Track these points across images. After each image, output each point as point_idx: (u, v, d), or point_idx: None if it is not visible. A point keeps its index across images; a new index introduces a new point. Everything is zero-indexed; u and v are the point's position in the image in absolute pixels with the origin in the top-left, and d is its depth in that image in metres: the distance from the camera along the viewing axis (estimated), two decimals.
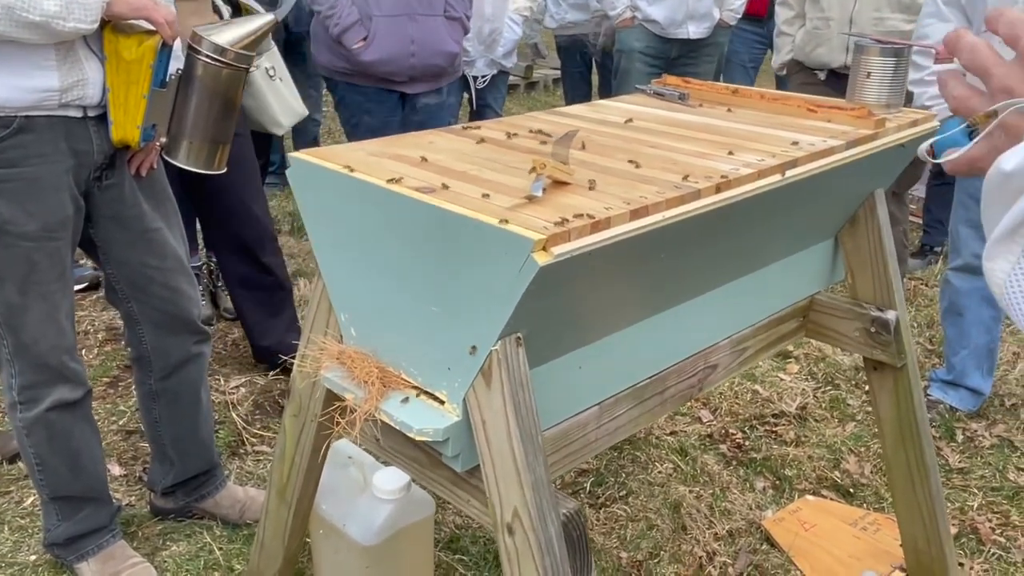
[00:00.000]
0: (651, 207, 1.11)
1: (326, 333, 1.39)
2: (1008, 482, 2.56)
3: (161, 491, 2.23)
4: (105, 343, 3.21)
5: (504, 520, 1.16)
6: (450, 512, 2.30)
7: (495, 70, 3.96)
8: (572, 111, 1.75)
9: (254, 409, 2.81)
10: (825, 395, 3.01)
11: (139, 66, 1.66)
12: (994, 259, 0.60)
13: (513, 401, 1.09)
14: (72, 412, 1.88)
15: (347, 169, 1.20)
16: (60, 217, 1.71)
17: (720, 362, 1.62)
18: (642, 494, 2.44)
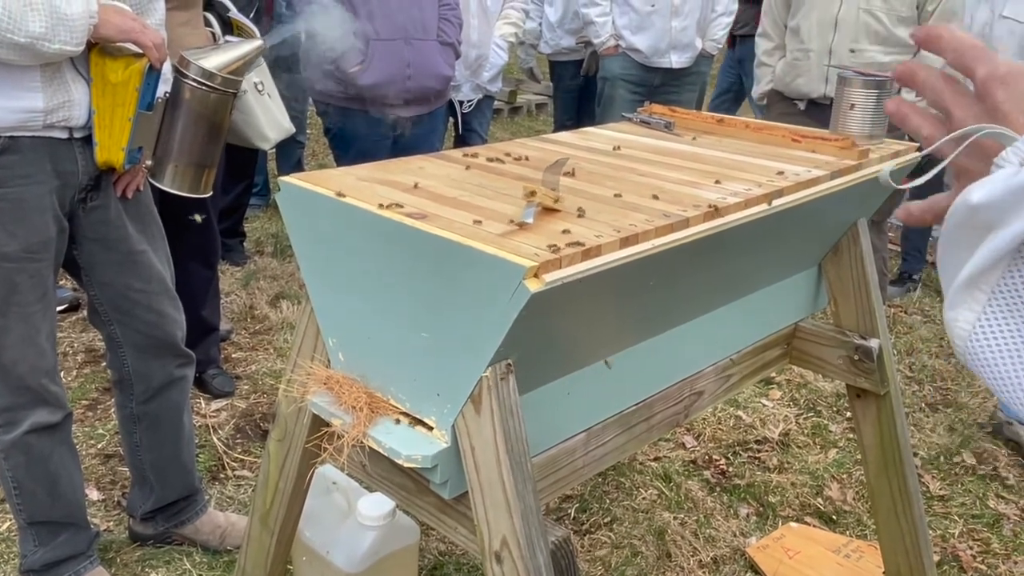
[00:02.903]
0: (641, 235, 1.12)
1: (313, 358, 1.38)
2: (988, 510, 2.58)
3: (140, 516, 2.19)
4: (84, 365, 3.17)
5: (492, 548, 1.15)
6: (434, 539, 2.29)
7: (481, 95, 3.99)
8: (560, 138, 1.76)
9: (235, 433, 2.78)
10: (807, 421, 3.02)
11: (125, 89, 1.66)
12: (956, 308, 0.55)
13: (503, 428, 1.09)
14: (51, 436, 1.86)
15: (338, 195, 1.20)
16: (43, 238, 1.70)
17: (706, 389, 1.62)
18: (627, 520, 2.43)
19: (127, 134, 1.68)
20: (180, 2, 2.33)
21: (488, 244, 1.02)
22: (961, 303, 0.55)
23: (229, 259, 4.14)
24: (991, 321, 0.54)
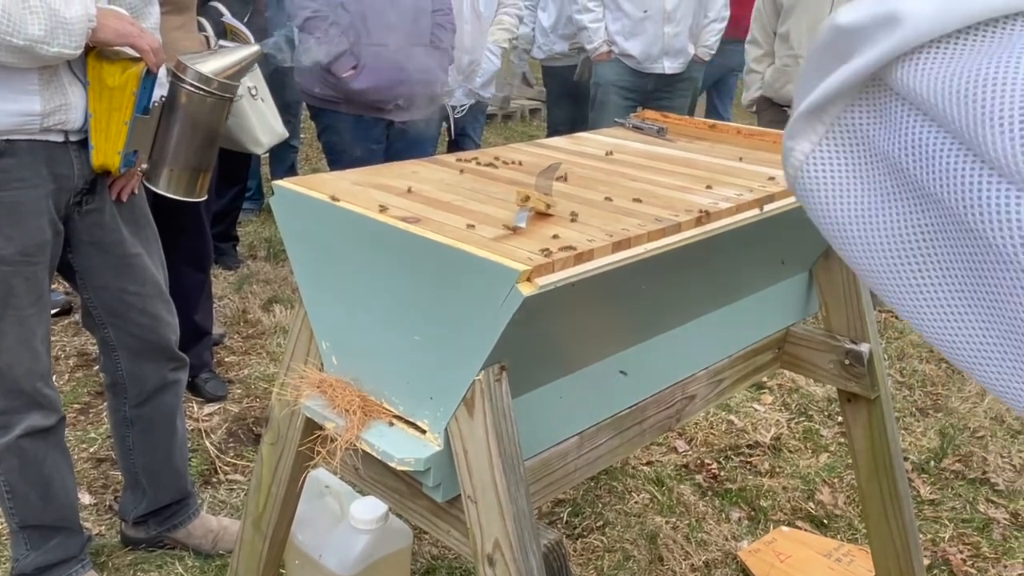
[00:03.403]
0: (633, 239, 1.13)
1: (307, 361, 1.39)
2: (979, 514, 2.59)
3: (133, 520, 2.19)
4: (76, 369, 3.17)
5: (485, 551, 1.16)
6: (426, 543, 2.29)
7: (473, 100, 4.00)
8: (553, 143, 1.77)
9: (228, 437, 2.78)
10: (799, 426, 3.04)
11: (122, 93, 1.67)
12: (795, 137, 0.56)
13: (496, 431, 1.10)
14: (45, 439, 1.86)
15: (332, 199, 1.20)
16: (38, 241, 1.70)
17: (698, 393, 1.63)
18: (619, 524, 2.44)
19: (123, 138, 1.69)
20: (174, 6, 2.34)
21: (481, 248, 1.03)
22: (800, 132, 0.55)
23: (222, 263, 4.13)
24: (824, 153, 0.54)
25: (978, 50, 0.47)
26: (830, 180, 0.54)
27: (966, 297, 0.48)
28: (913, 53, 0.48)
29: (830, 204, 0.54)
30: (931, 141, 0.47)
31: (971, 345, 0.49)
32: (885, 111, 0.51)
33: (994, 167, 0.44)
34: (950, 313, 0.49)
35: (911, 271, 0.50)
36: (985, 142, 0.44)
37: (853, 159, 0.53)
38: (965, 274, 0.47)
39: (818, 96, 0.53)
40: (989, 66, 0.45)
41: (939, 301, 0.50)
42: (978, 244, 0.45)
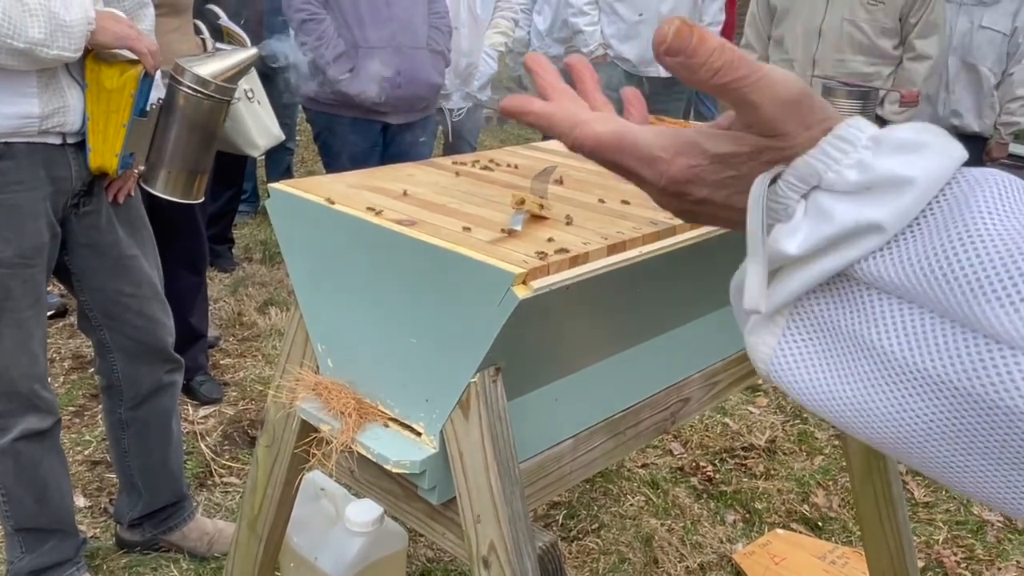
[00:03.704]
0: (628, 242, 1.13)
1: (302, 364, 1.39)
2: (972, 516, 2.60)
3: (128, 523, 2.19)
4: (71, 371, 3.16)
5: (480, 553, 1.16)
6: (422, 545, 2.29)
7: (470, 103, 4.01)
8: (548, 146, 1.77)
9: (223, 440, 2.78)
10: (793, 428, 3.04)
11: (120, 95, 1.67)
12: (757, 333, 0.56)
13: (491, 434, 1.10)
14: (41, 442, 1.86)
15: (328, 201, 1.20)
16: (36, 244, 1.70)
17: (693, 395, 1.63)
18: (614, 527, 2.44)
19: (121, 140, 1.69)
20: (170, 9, 2.34)
21: (477, 251, 1.03)
22: (761, 329, 0.56)
23: (217, 265, 4.13)
24: (790, 344, 0.54)
25: (935, 226, 0.47)
26: (806, 369, 0.54)
27: (994, 459, 0.47)
28: (882, 247, 0.49)
29: (815, 393, 0.54)
30: (919, 324, 0.47)
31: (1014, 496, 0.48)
32: (852, 300, 0.51)
33: (995, 338, 0.44)
34: (980, 474, 0.48)
35: (923, 444, 0.49)
36: (983, 317, 0.44)
37: (821, 346, 0.53)
38: (986, 439, 0.46)
39: (780, 298, 0.53)
40: (953, 240, 0.46)
41: (965, 466, 0.49)
42: (991, 411, 0.45)
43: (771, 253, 0.53)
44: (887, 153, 0.49)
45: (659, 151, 0.57)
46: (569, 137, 0.61)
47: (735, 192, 0.55)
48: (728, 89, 0.51)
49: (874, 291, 0.50)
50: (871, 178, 0.49)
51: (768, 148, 0.53)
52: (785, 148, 0.53)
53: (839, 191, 0.50)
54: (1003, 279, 0.44)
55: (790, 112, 0.52)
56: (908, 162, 0.49)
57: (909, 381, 0.48)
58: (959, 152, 0.50)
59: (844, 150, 0.51)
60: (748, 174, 0.54)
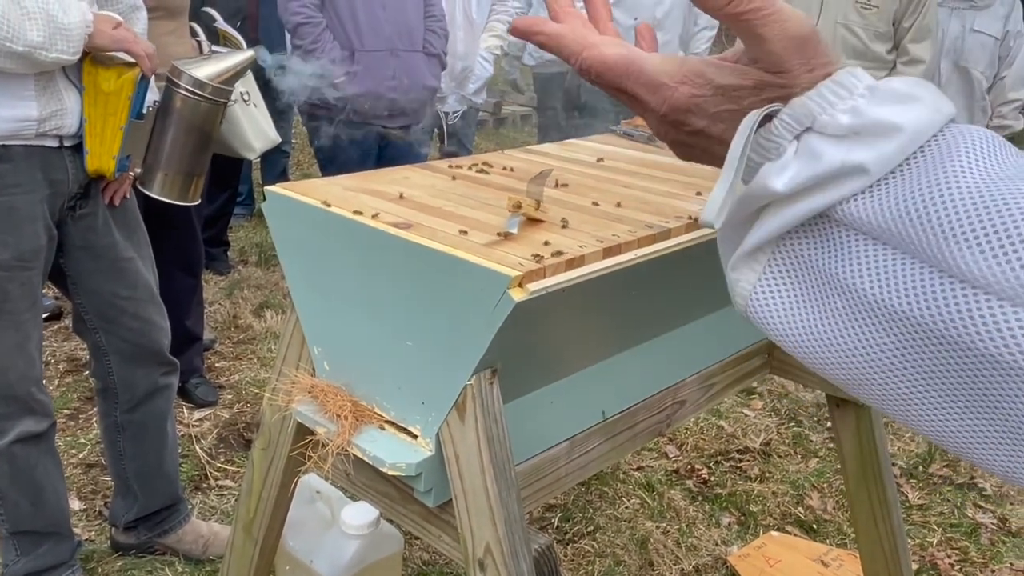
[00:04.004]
0: (623, 245, 1.14)
1: (298, 366, 1.39)
2: (967, 519, 2.61)
3: (123, 526, 2.19)
4: (66, 374, 3.16)
5: (476, 556, 1.16)
6: (417, 548, 2.29)
7: (466, 106, 4.01)
8: (544, 149, 1.78)
9: (218, 443, 2.78)
10: (788, 431, 3.05)
11: (118, 98, 1.67)
12: (739, 269, 0.58)
13: (487, 436, 1.10)
14: (36, 445, 1.85)
15: (324, 204, 1.21)
16: (34, 246, 1.70)
17: (688, 398, 1.64)
18: (609, 529, 2.44)
19: (118, 142, 1.69)
20: (166, 12, 2.34)
21: (473, 254, 1.03)
22: (743, 265, 0.58)
23: (213, 268, 4.13)
24: (769, 280, 0.57)
25: (919, 171, 0.50)
26: (781, 305, 0.56)
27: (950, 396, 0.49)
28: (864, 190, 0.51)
29: (787, 328, 0.56)
30: (891, 264, 0.50)
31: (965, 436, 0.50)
32: (831, 240, 0.53)
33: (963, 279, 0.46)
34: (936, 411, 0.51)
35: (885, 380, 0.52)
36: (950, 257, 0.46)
37: (798, 284, 0.55)
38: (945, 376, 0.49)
39: (765, 233, 0.56)
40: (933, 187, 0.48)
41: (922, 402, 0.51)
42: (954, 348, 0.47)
43: (759, 189, 0.55)
44: (880, 102, 0.52)
45: (665, 77, 0.58)
46: (578, 59, 0.62)
47: (731, 127, 0.57)
48: (740, 20, 0.53)
49: (852, 232, 0.52)
50: (862, 123, 0.51)
51: (770, 84, 0.55)
52: (786, 87, 0.54)
53: (830, 134, 0.52)
54: (973, 224, 0.46)
55: (796, 50, 0.53)
56: (898, 111, 0.51)
57: (877, 318, 0.50)
58: (948, 108, 0.52)
59: (840, 95, 0.52)
60: (747, 109, 0.56)
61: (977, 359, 0.46)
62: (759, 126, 0.55)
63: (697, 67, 0.58)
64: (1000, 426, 0.48)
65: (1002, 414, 0.47)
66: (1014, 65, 3.80)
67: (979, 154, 0.49)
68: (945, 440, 0.52)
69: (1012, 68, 3.80)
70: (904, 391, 0.51)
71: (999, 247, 0.45)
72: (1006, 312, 0.45)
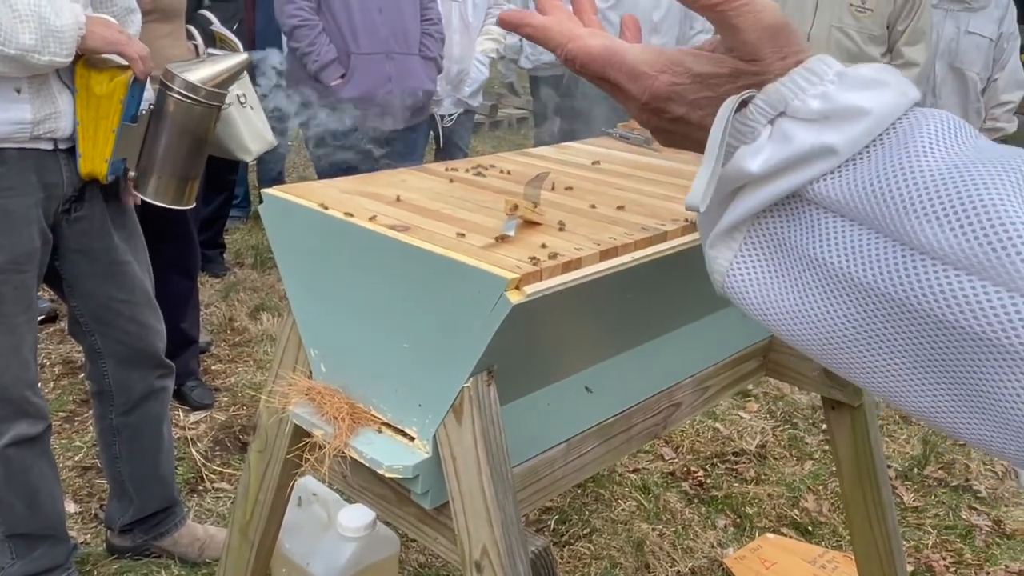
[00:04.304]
0: (620, 248, 1.14)
1: (295, 368, 1.39)
2: (961, 521, 2.61)
3: (119, 529, 2.18)
4: (61, 377, 3.15)
5: (473, 558, 1.16)
6: (414, 550, 2.29)
7: (462, 109, 4.02)
8: (540, 152, 1.78)
9: (214, 445, 2.77)
10: (784, 433, 3.05)
11: (110, 101, 1.67)
12: (716, 247, 0.62)
13: (484, 438, 1.10)
14: (31, 448, 1.85)
15: (321, 206, 1.21)
16: (28, 250, 1.70)
17: (684, 400, 1.64)
18: (605, 532, 2.44)
19: (111, 145, 1.69)
20: (162, 14, 2.34)
21: (470, 256, 1.04)
22: (720, 243, 0.61)
23: (209, 271, 4.12)
24: (745, 258, 0.60)
25: (885, 152, 0.53)
26: (756, 280, 0.59)
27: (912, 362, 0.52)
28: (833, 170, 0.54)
29: (761, 302, 0.59)
30: (858, 239, 0.53)
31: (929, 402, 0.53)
32: (803, 217, 0.56)
33: (923, 251, 0.49)
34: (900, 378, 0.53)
35: (853, 349, 0.54)
36: (911, 230, 0.49)
37: (772, 260, 0.58)
38: (907, 343, 0.51)
39: (740, 212, 0.59)
40: (897, 166, 0.51)
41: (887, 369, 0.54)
42: (915, 317, 0.50)
43: (735, 171, 0.58)
44: (849, 87, 0.54)
45: (645, 67, 0.61)
46: (563, 50, 0.65)
47: (709, 114, 0.59)
48: (716, 11, 0.56)
49: (822, 210, 0.55)
50: (831, 107, 0.54)
51: (745, 72, 0.58)
52: (760, 74, 0.57)
53: (802, 118, 0.55)
54: (932, 199, 0.49)
55: (768, 39, 0.57)
56: (866, 96, 0.54)
57: (845, 290, 0.53)
58: (914, 92, 0.55)
59: (812, 81, 0.55)
60: (723, 96, 0.59)
61: (936, 326, 0.49)
62: (735, 112, 0.58)
63: (676, 56, 0.61)
64: (959, 390, 0.50)
65: (960, 378, 0.50)
66: (1007, 67, 3.81)
67: (940, 135, 0.52)
68: (911, 406, 0.54)
69: (1005, 70, 3.82)
70: (871, 359, 0.54)
71: (956, 220, 0.48)
72: (961, 280, 0.47)
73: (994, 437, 0.50)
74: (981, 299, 0.47)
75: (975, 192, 0.48)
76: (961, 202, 0.48)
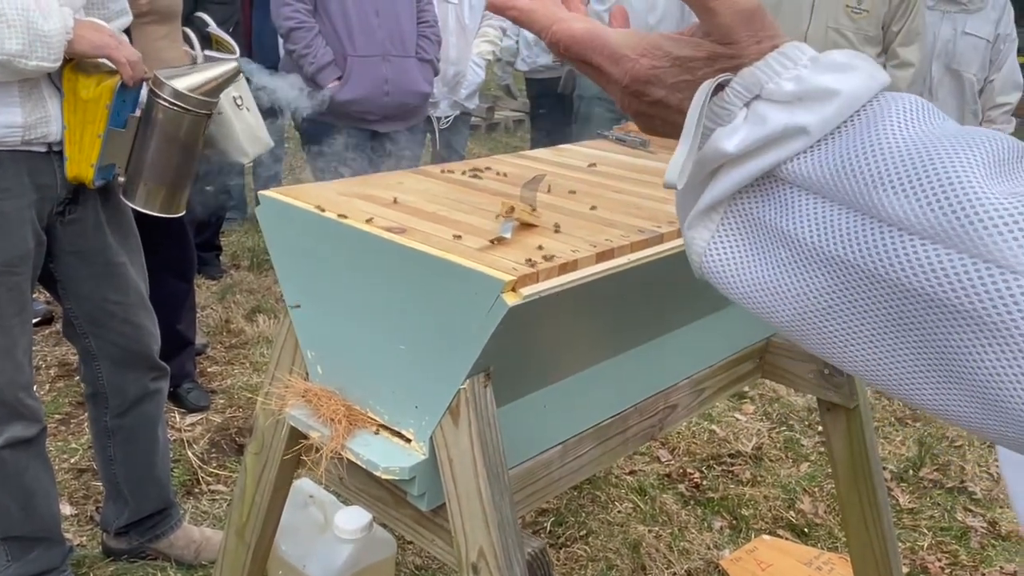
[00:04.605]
0: (616, 250, 1.14)
1: (291, 370, 1.39)
2: (956, 522, 2.62)
3: (114, 531, 2.18)
4: (57, 379, 3.15)
5: (469, 560, 1.16)
6: (411, 552, 2.29)
7: (458, 111, 4.02)
8: (536, 154, 1.79)
9: (210, 447, 2.77)
10: (780, 435, 3.06)
11: (96, 105, 1.66)
12: (694, 228, 0.63)
13: (480, 440, 1.10)
14: (26, 450, 1.85)
15: (318, 208, 1.21)
16: (22, 252, 1.69)
17: (680, 402, 1.64)
18: (602, 534, 2.44)
19: (97, 150, 1.68)
20: (158, 16, 2.34)
21: (467, 258, 1.04)
22: (698, 223, 0.63)
23: (205, 273, 4.12)
24: (722, 238, 0.62)
25: (855, 132, 0.55)
26: (733, 260, 0.61)
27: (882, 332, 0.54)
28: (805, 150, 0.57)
29: (737, 280, 0.61)
30: (829, 215, 0.55)
31: (898, 372, 0.54)
32: (777, 196, 0.58)
33: (891, 223, 0.51)
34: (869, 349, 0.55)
35: (826, 323, 0.56)
36: (879, 203, 0.52)
37: (749, 238, 0.60)
38: (877, 313, 0.53)
39: (712, 197, 0.61)
40: (867, 144, 0.53)
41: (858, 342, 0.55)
42: (884, 286, 0.52)
43: (712, 151, 0.60)
44: (821, 71, 0.57)
45: (627, 50, 0.63)
46: (547, 32, 0.66)
47: (687, 97, 0.61)
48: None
49: (795, 188, 0.57)
50: (804, 89, 0.56)
51: (721, 56, 0.60)
52: (736, 57, 0.59)
53: (776, 100, 0.57)
54: (900, 172, 0.51)
55: (743, 22, 0.59)
56: (837, 79, 0.56)
57: (818, 264, 0.55)
58: (883, 76, 0.57)
59: (786, 65, 0.58)
60: (700, 79, 0.61)
61: (905, 295, 0.51)
62: (712, 95, 0.59)
63: (656, 40, 0.63)
64: (930, 359, 0.52)
65: (931, 347, 0.51)
66: (1003, 69, 3.82)
67: (908, 116, 0.54)
68: (885, 382, 0.55)
69: (1001, 72, 3.82)
70: (845, 334, 0.56)
71: (922, 192, 0.50)
72: (927, 249, 0.50)
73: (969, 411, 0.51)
74: (946, 266, 0.49)
75: (939, 165, 0.50)
76: (928, 175, 0.50)
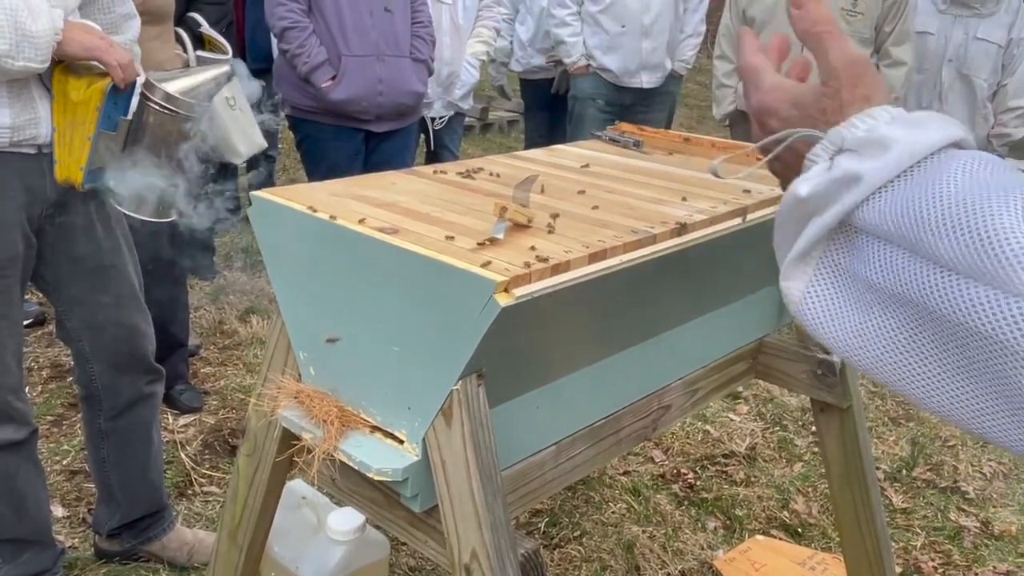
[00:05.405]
0: (609, 251, 1.14)
1: (284, 372, 1.39)
2: (950, 522, 2.63)
3: (107, 533, 2.17)
4: (49, 380, 3.13)
5: (462, 561, 1.16)
6: (404, 553, 2.28)
7: (452, 112, 4.01)
8: (530, 155, 1.79)
9: (203, 449, 2.76)
10: (773, 435, 3.06)
11: (86, 108, 1.64)
12: (789, 279, 0.70)
13: (473, 441, 1.10)
14: (17, 452, 1.84)
15: (310, 209, 1.21)
16: (11, 254, 1.68)
17: (673, 403, 1.65)
18: (596, 534, 2.44)
19: (86, 153, 1.66)
20: (151, 17, 2.33)
21: (460, 259, 1.04)
22: (793, 274, 0.69)
23: (198, 273, 4.11)
24: (816, 287, 0.68)
25: (915, 182, 0.60)
26: (827, 309, 0.67)
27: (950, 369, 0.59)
28: (869, 198, 0.62)
29: (833, 328, 0.67)
30: (896, 259, 0.61)
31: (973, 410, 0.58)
32: (856, 245, 0.65)
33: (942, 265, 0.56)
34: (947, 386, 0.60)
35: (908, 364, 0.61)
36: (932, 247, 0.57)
37: (840, 288, 0.67)
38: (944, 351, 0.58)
39: (802, 245, 0.68)
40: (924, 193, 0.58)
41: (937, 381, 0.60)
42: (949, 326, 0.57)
43: (791, 197, 0.68)
44: (893, 125, 0.63)
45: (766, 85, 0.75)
46: None
47: None
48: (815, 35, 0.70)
49: (867, 235, 0.63)
50: (868, 138, 0.63)
51: (823, 95, 0.69)
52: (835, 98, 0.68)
53: (848, 149, 0.64)
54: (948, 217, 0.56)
55: (847, 65, 0.68)
56: (902, 132, 0.62)
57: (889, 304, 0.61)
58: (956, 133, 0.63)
59: (866, 121, 0.65)
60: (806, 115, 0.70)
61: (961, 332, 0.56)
62: None
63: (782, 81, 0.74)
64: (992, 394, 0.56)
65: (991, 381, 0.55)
66: (1016, 73, 3.76)
67: (968, 167, 0.59)
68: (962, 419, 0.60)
69: (1015, 76, 3.77)
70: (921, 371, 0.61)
71: (963, 234, 0.55)
72: (970, 287, 0.54)
73: None
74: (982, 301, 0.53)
75: (980, 211, 0.55)
76: (970, 219, 0.55)
